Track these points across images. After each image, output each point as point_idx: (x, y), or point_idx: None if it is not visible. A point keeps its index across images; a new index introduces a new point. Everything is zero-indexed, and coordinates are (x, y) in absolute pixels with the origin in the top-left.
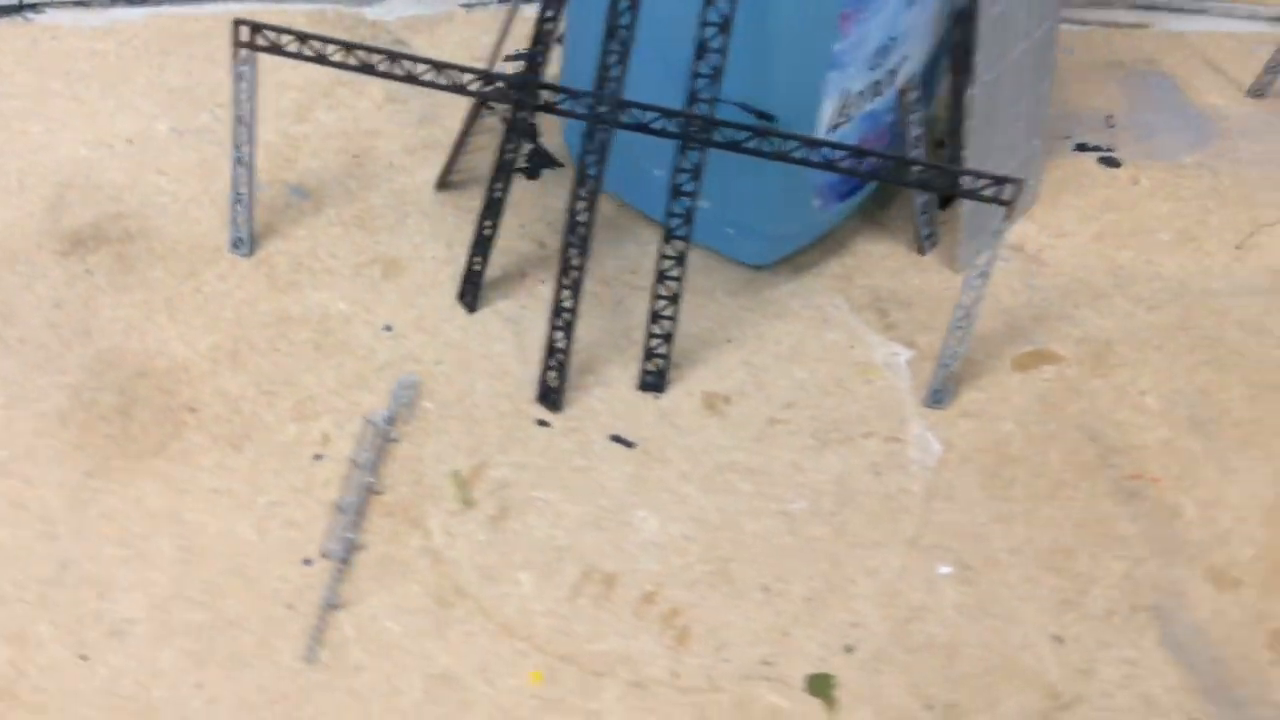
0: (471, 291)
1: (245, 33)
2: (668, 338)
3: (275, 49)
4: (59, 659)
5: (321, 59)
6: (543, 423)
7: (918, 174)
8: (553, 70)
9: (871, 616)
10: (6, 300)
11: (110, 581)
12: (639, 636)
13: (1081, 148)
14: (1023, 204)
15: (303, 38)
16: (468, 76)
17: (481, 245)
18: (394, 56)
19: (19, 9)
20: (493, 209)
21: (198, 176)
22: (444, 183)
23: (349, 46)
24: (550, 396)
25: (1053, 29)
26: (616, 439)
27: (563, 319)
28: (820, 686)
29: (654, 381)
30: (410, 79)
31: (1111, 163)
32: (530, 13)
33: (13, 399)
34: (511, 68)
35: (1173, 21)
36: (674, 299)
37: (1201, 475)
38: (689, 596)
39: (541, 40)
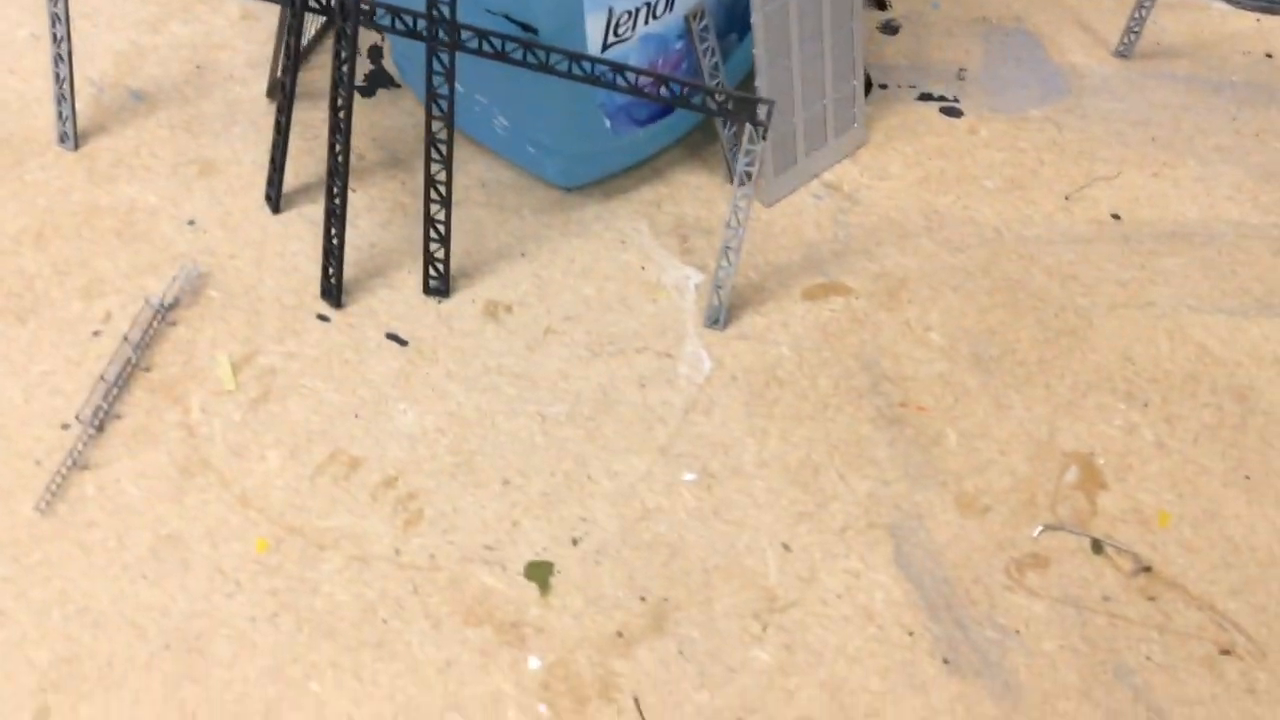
0: (274, 191)
1: None
2: (444, 241)
3: None
4: None
5: None
6: (323, 318)
7: (673, 91)
8: None
9: (604, 514)
10: None
11: None
12: (370, 517)
13: (926, 97)
14: (847, 146)
15: None
16: None
17: (279, 132)
18: None
19: None
20: (281, 92)
21: (46, 79)
22: (276, 93)
23: None
24: (330, 292)
25: None
26: (391, 336)
27: (334, 214)
28: (538, 572)
29: (437, 286)
30: None
31: (953, 113)
32: None
33: None
34: None
35: None
36: (445, 202)
37: (972, 408)
38: (428, 484)
39: None
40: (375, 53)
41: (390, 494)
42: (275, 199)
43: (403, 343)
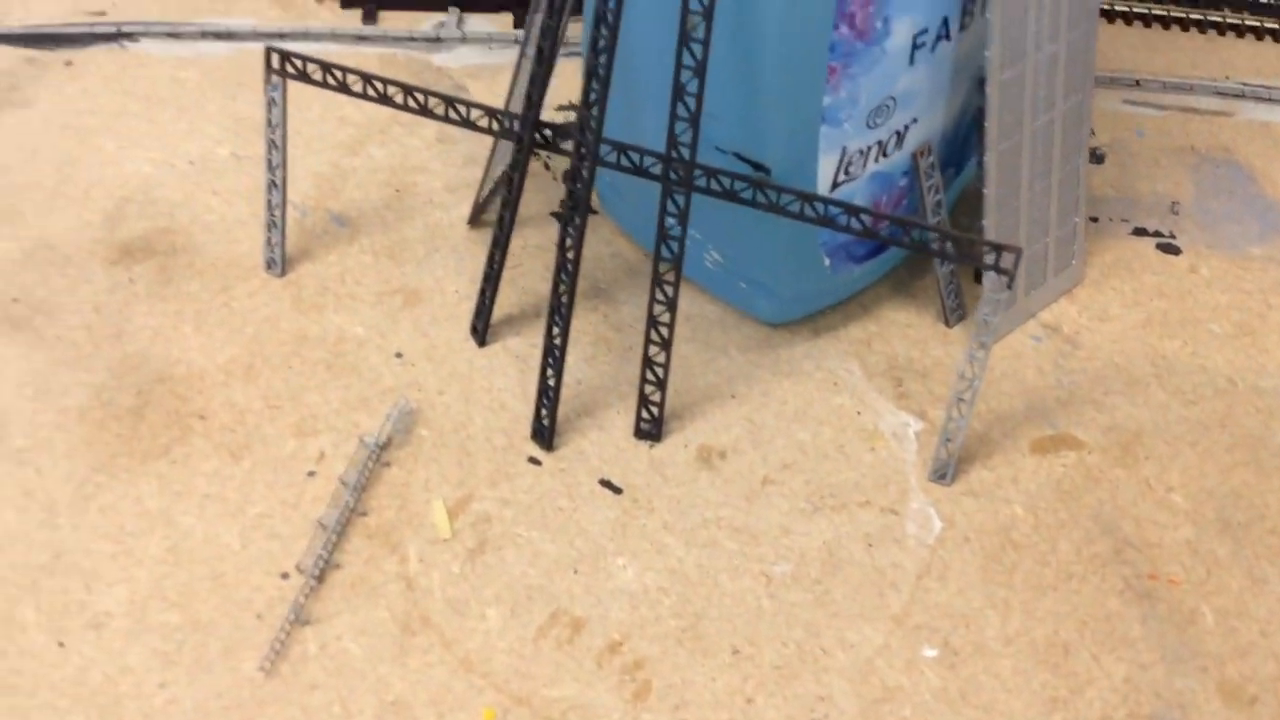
0: (482, 324)
1: (276, 60)
2: (660, 384)
3: (302, 75)
4: (37, 644)
5: (343, 88)
6: (534, 460)
7: (913, 236)
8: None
9: (842, 692)
10: (52, 300)
11: (97, 574)
12: (597, 686)
13: (1140, 232)
14: (1064, 284)
15: (326, 67)
16: (476, 112)
17: (490, 278)
18: (408, 89)
19: (117, 37)
20: (500, 241)
21: (247, 200)
22: (477, 219)
23: (368, 78)
24: (543, 434)
25: (1083, 104)
26: (605, 483)
27: (553, 357)
28: None
29: (649, 429)
30: (423, 111)
31: (1170, 249)
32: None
33: (39, 392)
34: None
35: (1258, 110)
36: (665, 345)
37: (1226, 581)
38: (655, 650)
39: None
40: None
41: (616, 661)
42: (482, 333)
43: (617, 490)
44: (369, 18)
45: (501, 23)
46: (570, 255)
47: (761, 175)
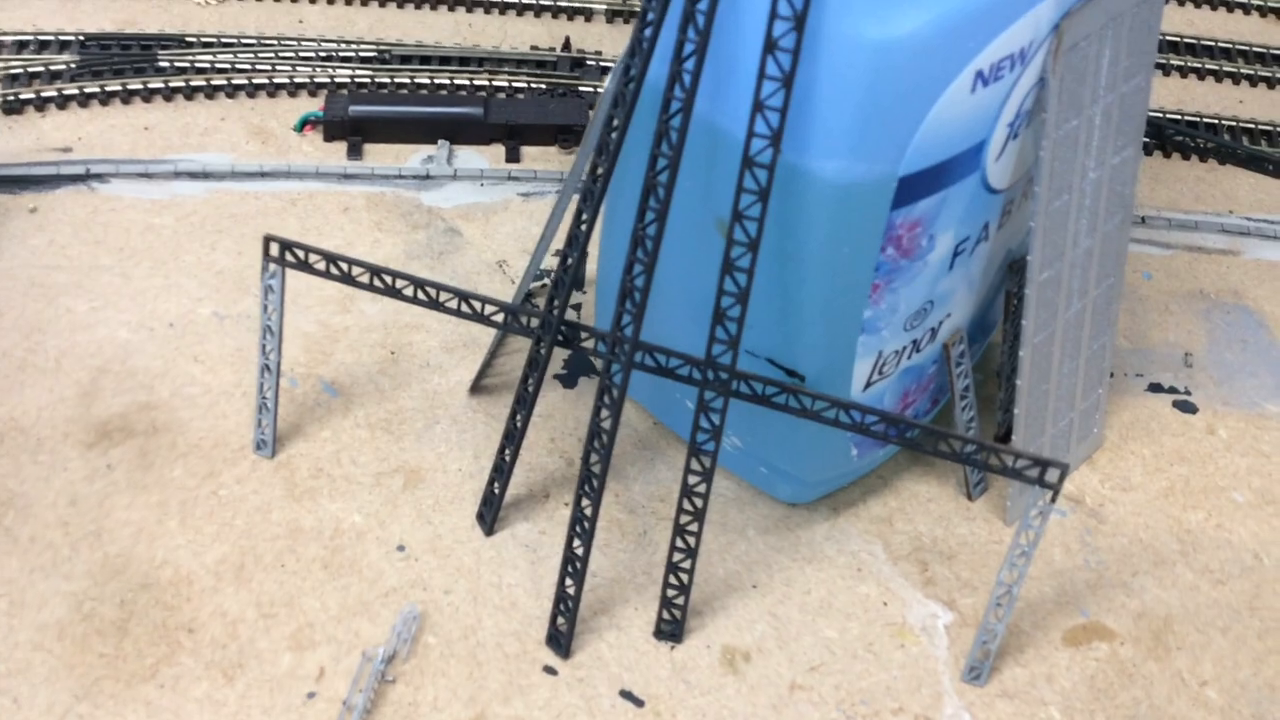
0: (490, 514)
1: (275, 249)
2: (684, 589)
3: (303, 265)
4: None
5: (348, 279)
6: (550, 670)
7: (955, 448)
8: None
9: None
10: (24, 493)
11: None
12: None
13: (1155, 388)
14: (1086, 451)
15: (331, 258)
16: (490, 308)
17: (501, 471)
18: (419, 284)
19: (85, 178)
20: (513, 438)
21: (232, 366)
22: (477, 386)
23: (375, 271)
24: (559, 640)
25: (1115, 286)
26: (626, 694)
27: (574, 566)
28: None
29: (670, 630)
30: (434, 305)
31: (1187, 407)
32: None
33: (14, 605)
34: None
35: (1264, 249)
36: (691, 553)
37: None
38: None
39: (566, 264)
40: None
41: None
42: (490, 523)
43: (639, 703)
44: (354, 152)
45: (494, 156)
46: (595, 479)
47: (795, 382)
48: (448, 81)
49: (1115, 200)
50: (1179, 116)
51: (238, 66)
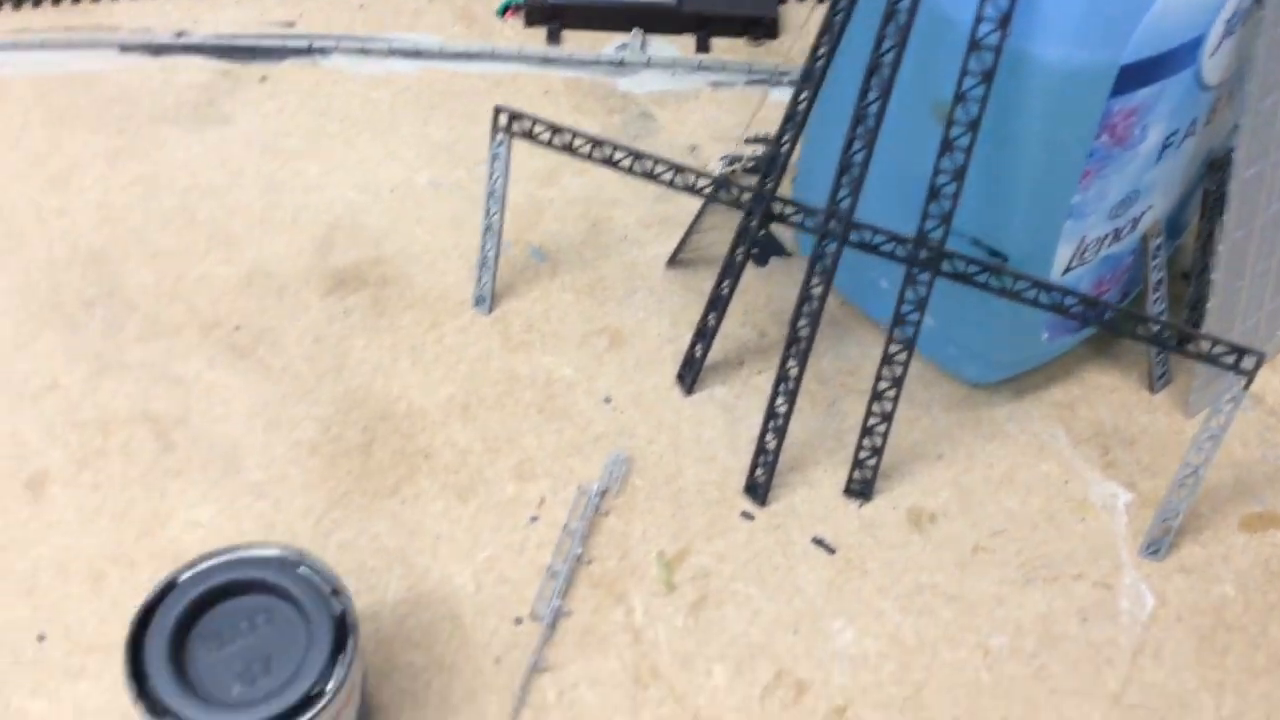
0: (690, 375)
1: (504, 119)
2: (877, 451)
3: (529, 135)
4: None
5: (570, 149)
6: (747, 515)
7: (1152, 331)
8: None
9: None
10: (274, 328)
11: None
12: None
13: None
14: (1270, 352)
15: (555, 129)
16: (702, 181)
17: (704, 335)
18: (636, 155)
19: (309, 51)
20: (718, 304)
21: (449, 230)
22: (675, 260)
23: (596, 141)
24: (756, 491)
25: None
26: (818, 542)
27: (775, 423)
28: None
29: (860, 490)
30: (649, 176)
31: None
32: (777, 97)
33: (270, 423)
34: (751, 150)
35: None
36: (887, 418)
37: None
38: (879, 717)
39: (782, 142)
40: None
41: None
42: (690, 383)
43: (830, 550)
44: (553, 37)
45: (684, 46)
46: (803, 334)
47: (998, 261)
48: None
49: None
50: None
51: None
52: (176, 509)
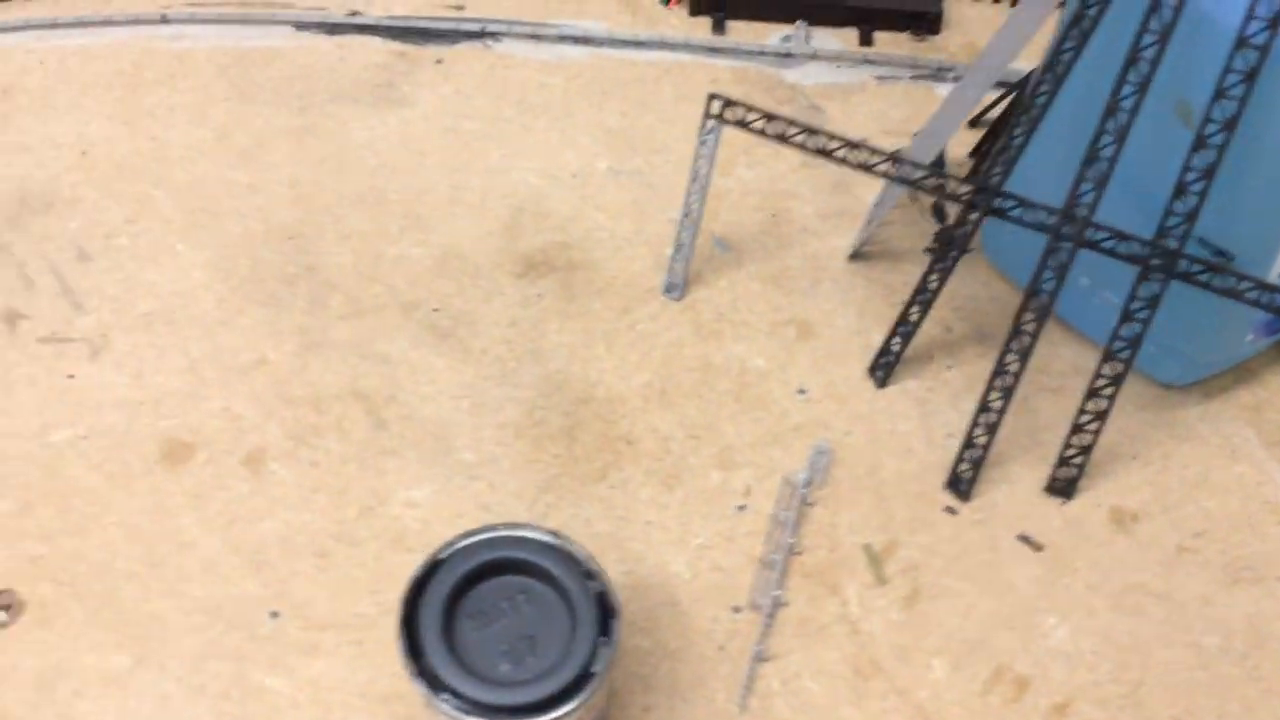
0: (885, 369)
1: (717, 106)
2: (1086, 450)
3: (742, 124)
4: None
5: (783, 139)
6: (950, 510)
7: None
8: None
9: None
10: (471, 311)
11: None
12: None
13: None
14: None
15: (769, 117)
16: (919, 173)
17: (904, 328)
18: (851, 145)
19: (481, 35)
20: (923, 298)
21: (631, 217)
22: (857, 253)
23: (810, 131)
24: (959, 485)
25: None
26: (1024, 539)
27: (987, 418)
28: None
29: (1063, 488)
30: (864, 168)
31: None
32: (943, 93)
33: (476, 405)
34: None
35: None
36: (1101, 416)
37: None
38: (1100, 715)
39: (1014, 135)
40: (939, 212)
41: None
42: (884, 377)
43: (1037, 547)
44: (718, 27)
45: (847, 39)
46: (1028, 331)
47: (1222, 261)
48: None
49: None
50: None
51: None
52: (394, 488)
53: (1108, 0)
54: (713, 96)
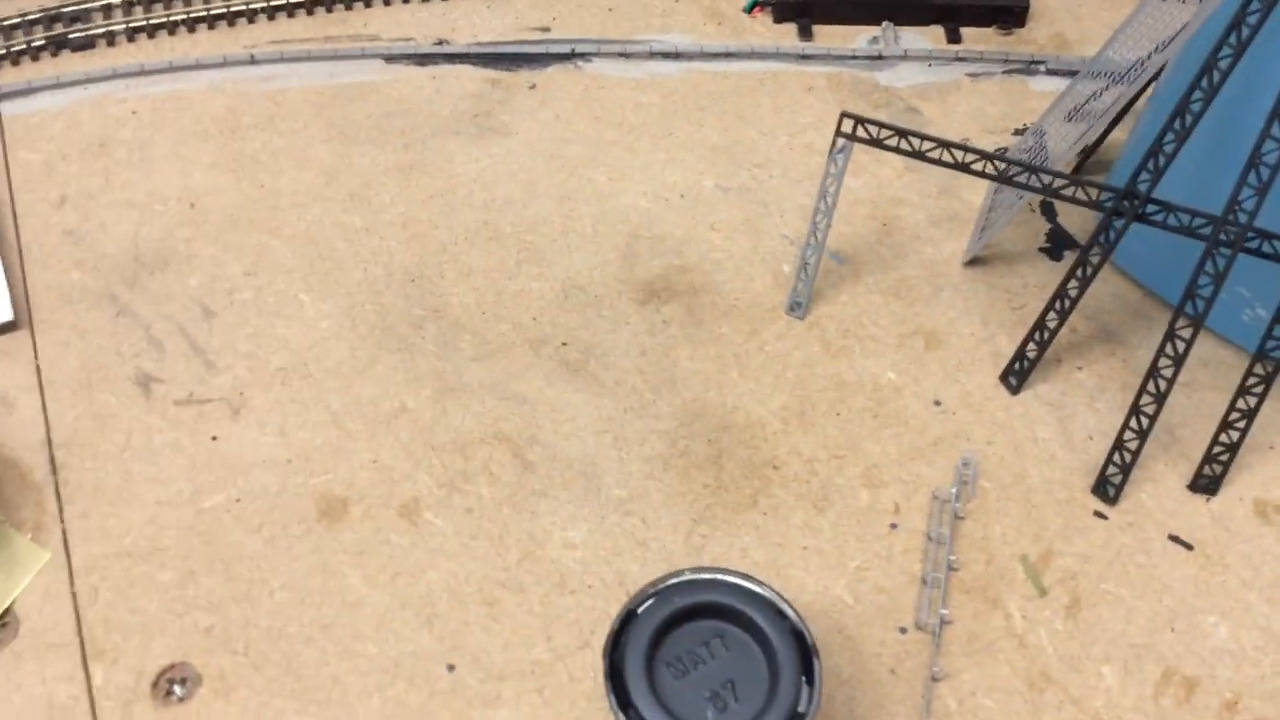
0: (1019, 375)
1: (849, 125)
2: (1234, 447)
3: (875, 142)
4: None
5: (919, 155)
6: (1099, 515)
7: None
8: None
9: None
10: (599, 343)
11: None
12: None
13: None
14: None
15: (901, 133)
16: (1059, 182)
17: (1041, 335)
18: (987, 157)
19: (571, 57)
20: (1063, 305)
21: (745, 235)
22: (973, 260)
23: (946, 145)
24: (1107, 489)
25: None
26: (1175, 539)
27: (1139, 423)
28: None
29: (1207, 484)
30: (1004, 179)
31: None
32: (1037, 87)
33: (619, 440)
34: (1018, 143)
35: None
36: (1251, 414)
37: None
38: (1271, 710)
39: (1165, 140)
40: (1050, 210)
41: None
42: (1017, 384)
43: (1188, 546)
44: (804, 33)
45: (933, 36)
46: (1184, 337)
47: None
48: None
49: None
50: None
51: None
52: (550, 529)
53: (1271, 6)
54: (845, 115)
